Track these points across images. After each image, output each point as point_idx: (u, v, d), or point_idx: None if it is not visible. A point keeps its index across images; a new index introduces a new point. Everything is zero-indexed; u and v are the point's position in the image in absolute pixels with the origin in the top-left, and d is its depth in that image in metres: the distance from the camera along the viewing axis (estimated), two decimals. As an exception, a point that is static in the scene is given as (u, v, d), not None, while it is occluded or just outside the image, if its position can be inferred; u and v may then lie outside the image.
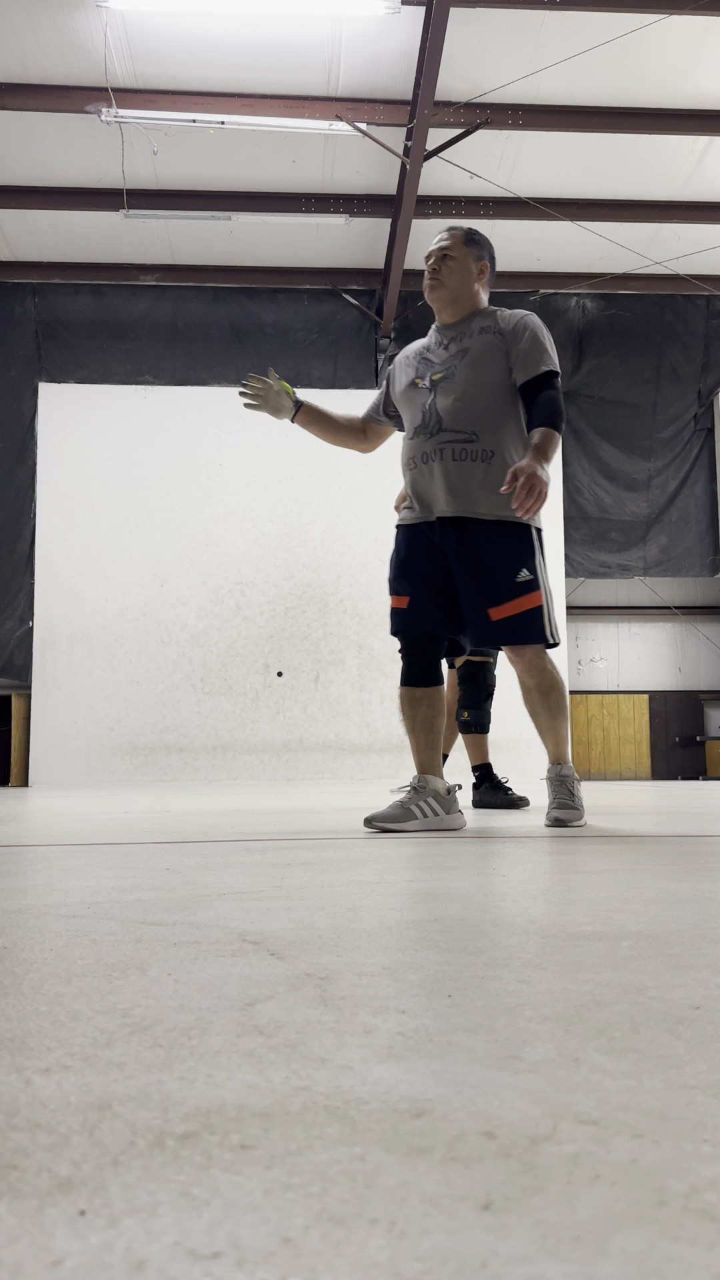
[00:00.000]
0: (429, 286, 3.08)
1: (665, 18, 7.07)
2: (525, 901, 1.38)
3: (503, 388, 2.96)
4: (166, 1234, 0.43)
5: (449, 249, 3.07)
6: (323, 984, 0.89)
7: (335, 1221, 0.44)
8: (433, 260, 3.07)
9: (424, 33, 7.16)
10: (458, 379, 2.96)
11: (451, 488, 2.93)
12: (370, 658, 10.01)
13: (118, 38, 7.40)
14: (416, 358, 3.10)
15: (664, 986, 0.87)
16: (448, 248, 3.08)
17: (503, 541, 2.93)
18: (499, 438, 2.94)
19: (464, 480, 2.92)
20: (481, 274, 3.11)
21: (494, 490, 2.91)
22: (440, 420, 2.96)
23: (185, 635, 9.90)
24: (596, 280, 10.36)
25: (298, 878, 1.69)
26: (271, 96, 7.99)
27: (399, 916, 1.26)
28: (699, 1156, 0.50)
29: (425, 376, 3.03)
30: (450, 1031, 0.73)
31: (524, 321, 3.01)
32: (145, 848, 2.37)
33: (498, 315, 3.04)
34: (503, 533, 2.93)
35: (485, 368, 2.96)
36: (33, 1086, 0.62)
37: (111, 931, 1.16)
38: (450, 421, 2.94)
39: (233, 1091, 0.61)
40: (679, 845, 2.30)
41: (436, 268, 3.06)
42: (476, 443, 2.93)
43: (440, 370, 3.00)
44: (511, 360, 2.97)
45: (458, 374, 2.97)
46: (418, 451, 3.00)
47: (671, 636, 11.44)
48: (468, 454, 2.93)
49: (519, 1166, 0.49)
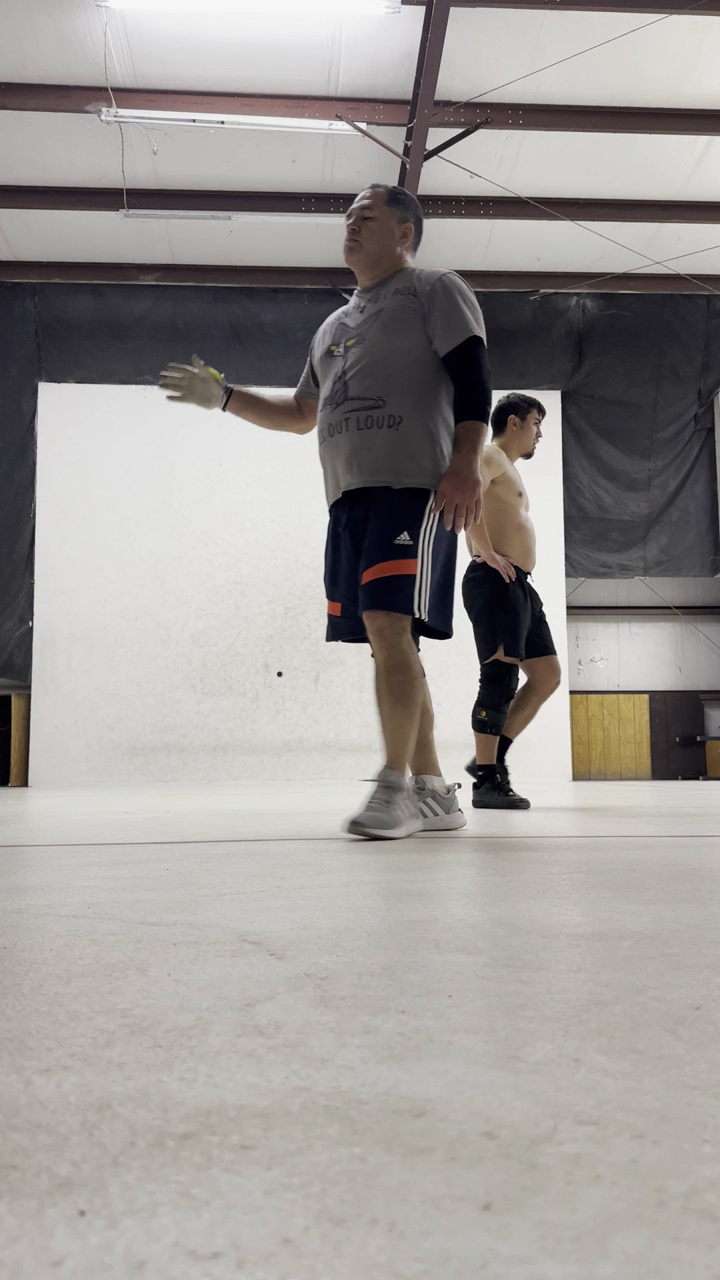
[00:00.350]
0: (347, 249, 2.84)
1: (665, 18, 7.07)
2: (525, 901, 1.38)
3: (418, 353, 2.69)
4: (166, 1234, 0.43)
5: (369, 209, 2.84)
6: (323, 984, 0.89)
7: (335, 1222, 0.44)
8: (352, 220, 2.83)
9: (424, 32, 7.16)
10: (368, 343, 2.72)
11: (351, 458, 2.69)
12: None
13: (118, 37, 7.40)
14: (335, 324, 2.88)
15: (664, 987, 0.87)
16: (368, 208, 2.84)
17: (391, 506, 2.65)
18: (411, 403, 2.66)
19: (366, 449, 2.67)
20: (405, 237, 2.86)
21: (399, 459, 2.65)
22: (347, 388, 2.72)
23: (185, 635, 9.90)
24: (596, 280, 10.36)
25: (298, 878, 1.69)
26: (271, 96, 7.99)
27: (399, 916, 1.26)
28: (699, 1157, 0.50)
29: (340, 343, 2.80)
30: (450, 1031, 0.73)
31: (441, 283, 2.73)
32: (145, 848, 2.37)
33: (415, 275, 2.78)
34: (396, 499, 2.65)
35: (397, 331, 2.70)
36: (33, 1086, 0.62)
37: (111, 931, 1.16)
38: (356, 388, 2.69)
39: (233, 1092, 0.61)
40: (679, 845, 2.30)
41: (356, 228, 2.82)
42: (382, 408, 2.66)
43: (353, 335, 2.77)
44: (430, 328, 2.70)
45: (368, 338, 2.73)
46: (325, 424, 2.77)
47: (671, 636, 11.44)
48: (372, 421, 2.67)
49: (519, 1167, 0.49)
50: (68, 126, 8.34)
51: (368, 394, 2.68)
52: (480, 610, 4.38)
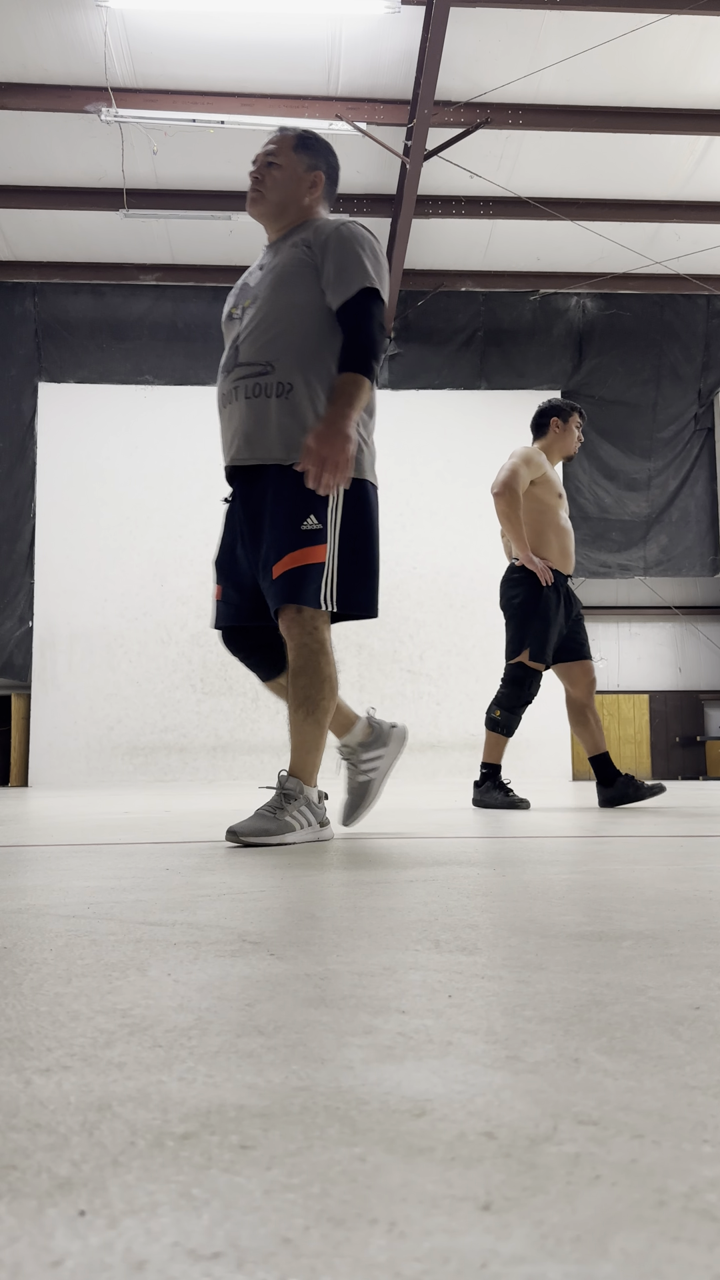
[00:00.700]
0: (249, 200, 2.58)
1: (665, 18, 7.07)
2: (525, 901, 1.38)
3: (312, 311, 2.44)
4: (166, 1234, 0.43)
5: (274, 155, 2.56)
6: (323, 984, 0.89)
7: (335, 1222, 0.44)
8: (256, 168, 2.57)
9: (424, 32, 7.16)
10: (260, 303, 2.48)
11: (241, 431, 2.46)
12: (370, 658, 10.01)
13: (118, 37, 7.40)
14: (239, 286, 2.63)
15: (664, 987, 0.87)
16: (273, 154, 2.56)
17: (293, 488, 2.40)
18: (302, 368, 2.42)
19: (256, 421, 2.43)
20: (314, 186, 2.59)
21: (291, 432, 2.41)
22: (238, 353, 2.48)
23: (185, 635, 9.90)
24: (596, 280, 10.35)
25: (298, 878, 1.69)
26: (271, 96, 7.99)
27: (399, 917, 1.26)
28: (699, 1157, 0.50)
29: (239, 305, 2.56)
30: (450, 1031, 0.73)
31: (338, 231, 2.45)
32: (145, 848, 2.37)
33: (314, 226, 2.51)
34: (296, 479, 2.39)
35: (289, 287, 2.45)
36: (33, 1086, 0.62)
37: (111, 931, 1.16)
38: (246, 353, 2.46)
39: (232, 1092, 0.61)
40: (679, 845, 2.30)
41: (259, 176, 2.56)
42: (270, 374, 2.42)
43: (250, 296, 2.54)
44: (323, 280, 2.44)
45: (261, 297, 2.49)
46: (218, 394, 2.53)
47: (672, 636, 11.44)
48: (261, 389, 2.42)
49: (519, 1166, 0.49)
50: (68, 126, 8.33)
51: (255, 359, 2.43)
52: (514, 610, 4.35)
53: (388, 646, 9.99)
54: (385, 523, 10.24)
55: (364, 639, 10.03)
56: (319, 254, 2.44)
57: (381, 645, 10.01)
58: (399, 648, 10.06)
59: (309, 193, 2.59)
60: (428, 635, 10.10)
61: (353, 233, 2.45)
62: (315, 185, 2.59)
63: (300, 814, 2.43)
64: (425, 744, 9.95)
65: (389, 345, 10.45)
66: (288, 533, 2.39)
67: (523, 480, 4.29)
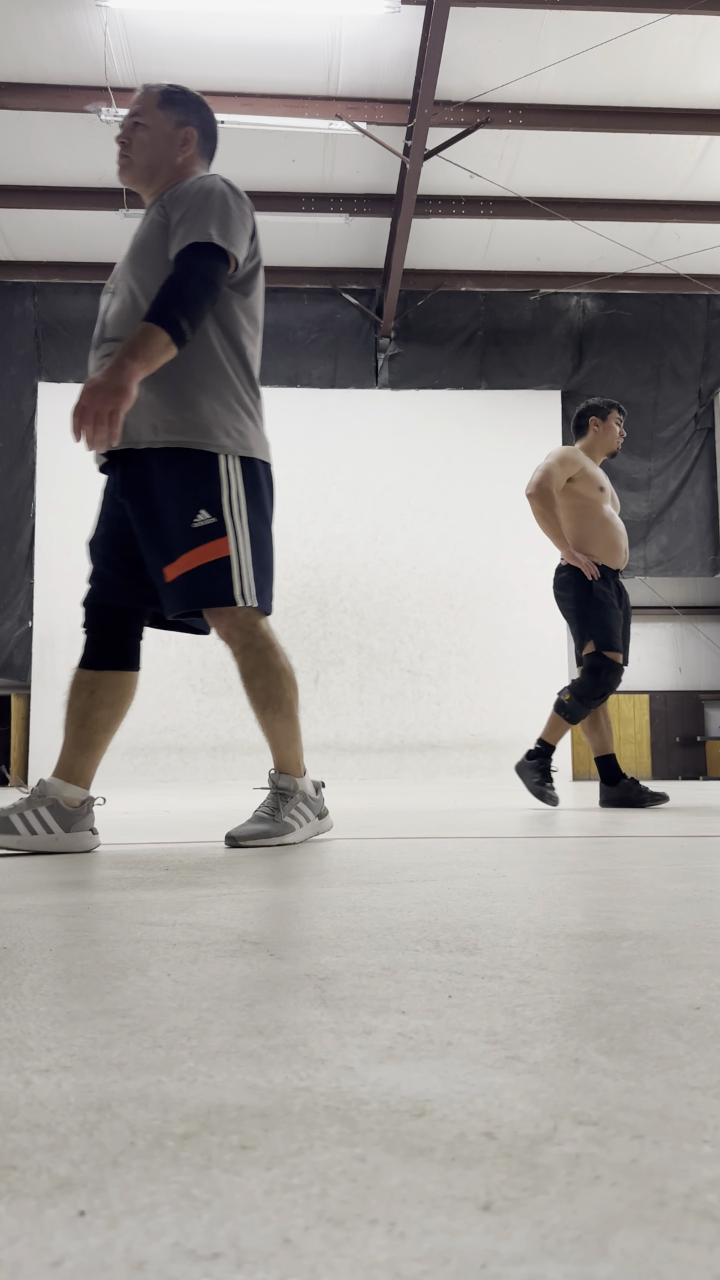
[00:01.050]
0: (119, 167, 2.41)
1: (665, 18, 7.07)
2: (525, 901, 1.38)
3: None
4: (166, 1234, 0.43)
5: (139, 115, 2.37)
6: (323, 984, 0.88)
7: (335, 1222, 0.44)
8: (122, 132, 2.39)
9: (424, 32, 7.16)
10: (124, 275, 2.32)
11: None
12: (370, 658, 10.01)
13: (117, 37, 7.40)
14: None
15: (664, 987, 0.87)
16: (137, 114, 2.37)
17: (177, 477, 2.23)
18: None
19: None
20: (186, 143, 2.38)
21: (158, 411, 2.24)
22: (105, 328, 2.31)
23: (185, 635, 9.89)
24: (596, 280, 10.36)
25: (298, 878, 1.69)
26: (271, 96, 8.00)
27: (399, 916, 1.26)
28: (699, 1157, 0.50)
29: (113, 278, 2.38)
30: (450, 1031, 0.73)
31: (192, 186, 2.25)
32: (145, 848, 2.37)
33: (179, 186, 2.30)
34: (178, 466, 2.23)
35: (149, 254, 2.27)
36: (32, 1087, 0.62)
37: (111, 931, 1.16)
38: (113, 329, 2.29)
39: (233, 1092, 0.61)
40: (679, 845, 2.30)
41: (126, 140, 2.38)
42: None
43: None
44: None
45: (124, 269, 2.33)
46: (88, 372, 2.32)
47: (672, 636, 11.44)
48: None
49: (519, 1167, 0.49)
50: (67, 126, 8.34)
51: (121, 334, 2.25)
52: (569, 611, 4.34)
53: (388, 646, 9.99)
54: (385, 522, 10.27)
55: (364, 639, 10.03)
56: (174, 212, 2.24)
57: (381, 645, 10.01)
58: (399, 648, 10.06)
59: (181, 151, 2.38)
60: (428, 635, 10.10)
61: (208, 186, 2.24)
62: (187, 142, 2.39)
63: (298, 811, 2.38)
64: (425, 744, 9.95)
65: (389, 346, 10.45)
66: (181, 532, 2.22)
67: (557, 480, 4.27)
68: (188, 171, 2.39)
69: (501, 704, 10.09)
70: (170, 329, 2.08)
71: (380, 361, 10.45)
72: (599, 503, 4.37)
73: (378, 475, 10.26)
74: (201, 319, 2.15)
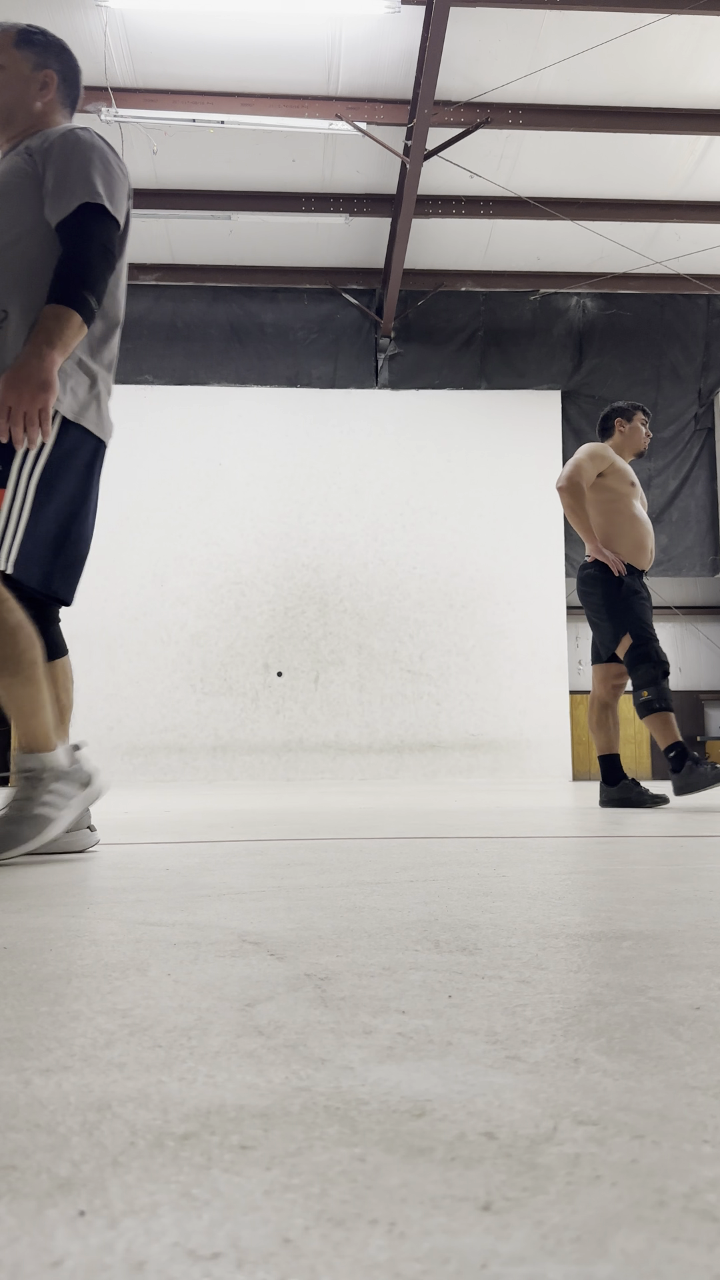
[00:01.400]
0: None
1: (665, 18, 7.07)
2: (525, 901, 1.38)
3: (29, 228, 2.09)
4: (166, 1234, 0.43)
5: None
6: (323, 984, 0.88)
7: (335, 1222, 0.44)
8: None
9: (424, 32, 7.16)
10: None
11: None
12: (370, 658, 10.01)
13: (117, 37, 7.40)
14: None
15: (664, 987, 0.87)
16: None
17: None
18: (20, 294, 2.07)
19: None
20: (45, 87, 2.25)
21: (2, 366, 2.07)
22: None
23: (185, 635, 9.90)
24: (596, 280, 10.36)
25: (298, 878, 1.69)
26: (271, 96, 8.00)
27: (399, 916, 1.26)
28: (699, 1157, 0.50)
29: None
30: (450, 1031, 0.73)
31: (64, 137, 2.11)
32: (145, 848, 2.37)
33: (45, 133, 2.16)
34: None
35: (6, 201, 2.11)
36: (32, 1087, 0.62)
37: (111, 931, 1.16)
38: None
39: (233, 1092, 0.61)
40: (679, 845, 2.30)
41: None
42: None
43: None
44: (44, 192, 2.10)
45: None
46: None
47: (672, 636, 11.44)
48: None
49: (519, 1166, 0.49)
50: (68, 126, 8.33)
51: None
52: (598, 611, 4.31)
53: (388, 646, 9.99)
54: (385, 522, 10.27)
55: (364, 639, 10.03)
56: (41, 162, 2.10)
57: (381, 645, 10.01)
58: (399, 648, 10.06)
59: (40, 95, 2.24)
60: (428, 635, 10.10)
61: (80, 139, 2.10)
62: (47, 86, 2.25)
63: (54, 794, 2.04)
64: (425, 744, 9.95)
65: (389, 345, 10.45)
66: None
67: (587, 474, 4.28)
68: (49, 120, 2.25)
69: (501, 704, 10.10)
70: (81, 309, 1.99)
71: (380, 361, 10.45)
72: (629, 497, 4.37)
73: (378, 475, 10.26)
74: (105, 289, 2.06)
